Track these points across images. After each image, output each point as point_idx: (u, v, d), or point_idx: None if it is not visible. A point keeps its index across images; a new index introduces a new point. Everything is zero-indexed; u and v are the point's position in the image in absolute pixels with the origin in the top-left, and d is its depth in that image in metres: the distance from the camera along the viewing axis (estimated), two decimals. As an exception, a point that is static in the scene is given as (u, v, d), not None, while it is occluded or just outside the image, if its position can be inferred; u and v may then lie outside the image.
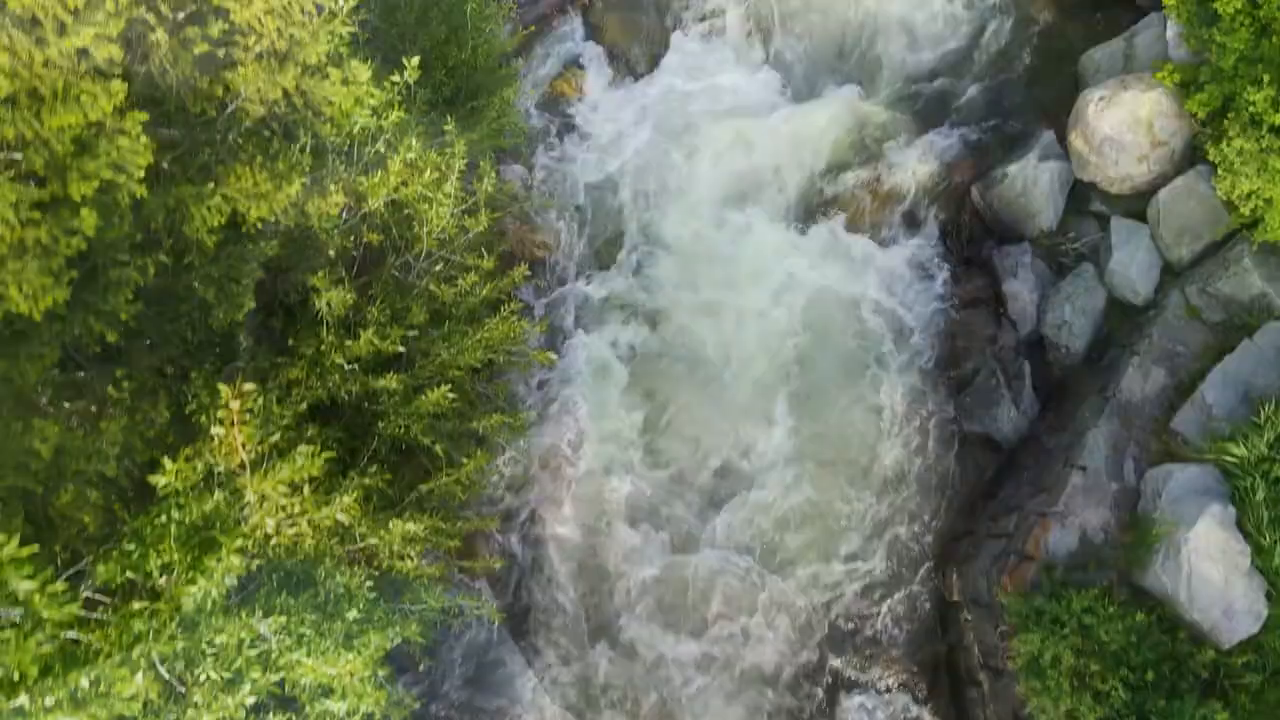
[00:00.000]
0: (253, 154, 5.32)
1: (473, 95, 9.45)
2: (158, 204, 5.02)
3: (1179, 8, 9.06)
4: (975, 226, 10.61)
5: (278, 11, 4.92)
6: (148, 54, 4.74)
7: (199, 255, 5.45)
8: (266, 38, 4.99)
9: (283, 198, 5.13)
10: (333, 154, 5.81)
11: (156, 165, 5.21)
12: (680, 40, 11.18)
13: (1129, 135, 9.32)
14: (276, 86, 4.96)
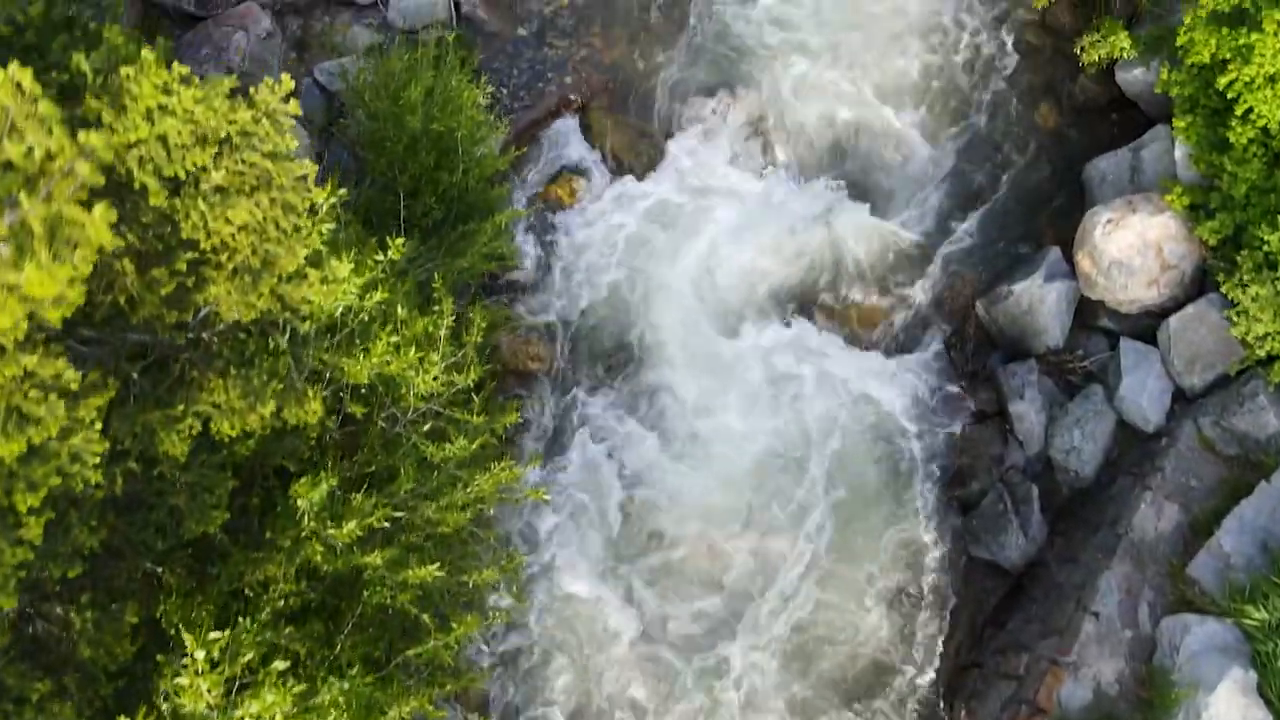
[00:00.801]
0: (226, 362, 5.05)
1: (464, 218, 9.23)
2: (125, 430, 4.74)
3: (1188, 131, 8.85)
4: (980, 340, 10.37)
5: (253, 227, 4.66)
6: (113, 283, 4.48)
7: (169, 463, 5.18)
8: (241, 253, 4.73)
9: (255, 419, 4.86)
10: (312, 345, 5.54)
11: (125, 377, 4.95)
12: (678, 145, 10.95)
13: (1138, 259, 9.08)
14: (251, 308, 4.69)
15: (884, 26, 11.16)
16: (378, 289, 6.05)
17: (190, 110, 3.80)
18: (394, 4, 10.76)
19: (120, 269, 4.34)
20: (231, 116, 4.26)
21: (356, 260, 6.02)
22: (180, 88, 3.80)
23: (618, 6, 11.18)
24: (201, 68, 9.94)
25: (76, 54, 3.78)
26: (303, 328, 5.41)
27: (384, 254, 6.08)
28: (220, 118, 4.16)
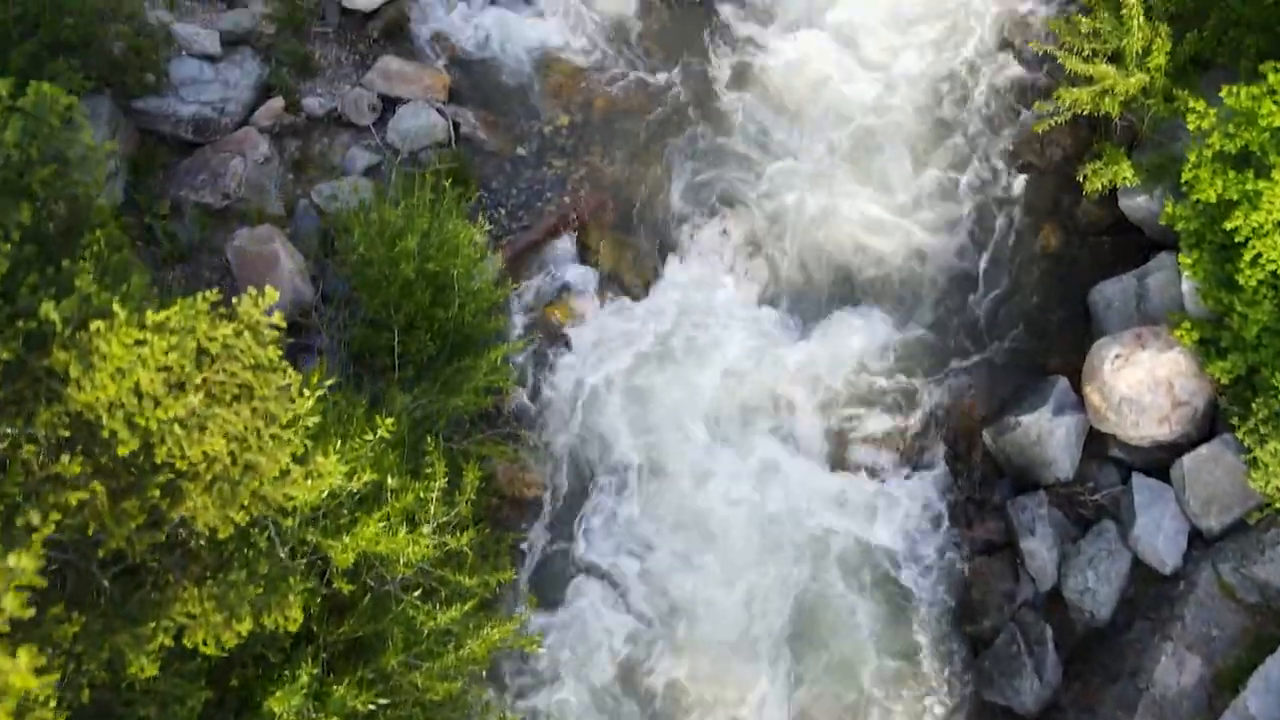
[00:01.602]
0: (203, 566, 4.79)
1: (460, 351, 9.05)
2: (91, 654, 4.46)
3: (1195, 267, 8.71)
4: (987, 468, 10.10)
5: (233, 436, 4.44)
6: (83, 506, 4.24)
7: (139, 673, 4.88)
8: (220, 462, 4.50)
9: (230, 636, 4.58)
10: (294, 537, 5.29)
11: (95, 584, 4.69)
12: (677, 264, 10.83)
13: (1148, 396, 8.88)
14: (228, 521, 4.45)
15: (885, 147, 11.13)
16: (366, 470, 5.81)
17: (163, 360, 3.61)
18: (393, 126, 10.76)
19: (91, 497, 4.11)
20: (212, 334, 4.07)
21: (344, 437, 5.80)
22: (153, 336, 3.62)
23: (617, 126, 11.17)
24: (198, 194, 9.90)
25: (46, 302, 3.62)
26: (285, 523, 5.16)
27: (373, 433, 5.85)
28: (200, 337, 3.96)
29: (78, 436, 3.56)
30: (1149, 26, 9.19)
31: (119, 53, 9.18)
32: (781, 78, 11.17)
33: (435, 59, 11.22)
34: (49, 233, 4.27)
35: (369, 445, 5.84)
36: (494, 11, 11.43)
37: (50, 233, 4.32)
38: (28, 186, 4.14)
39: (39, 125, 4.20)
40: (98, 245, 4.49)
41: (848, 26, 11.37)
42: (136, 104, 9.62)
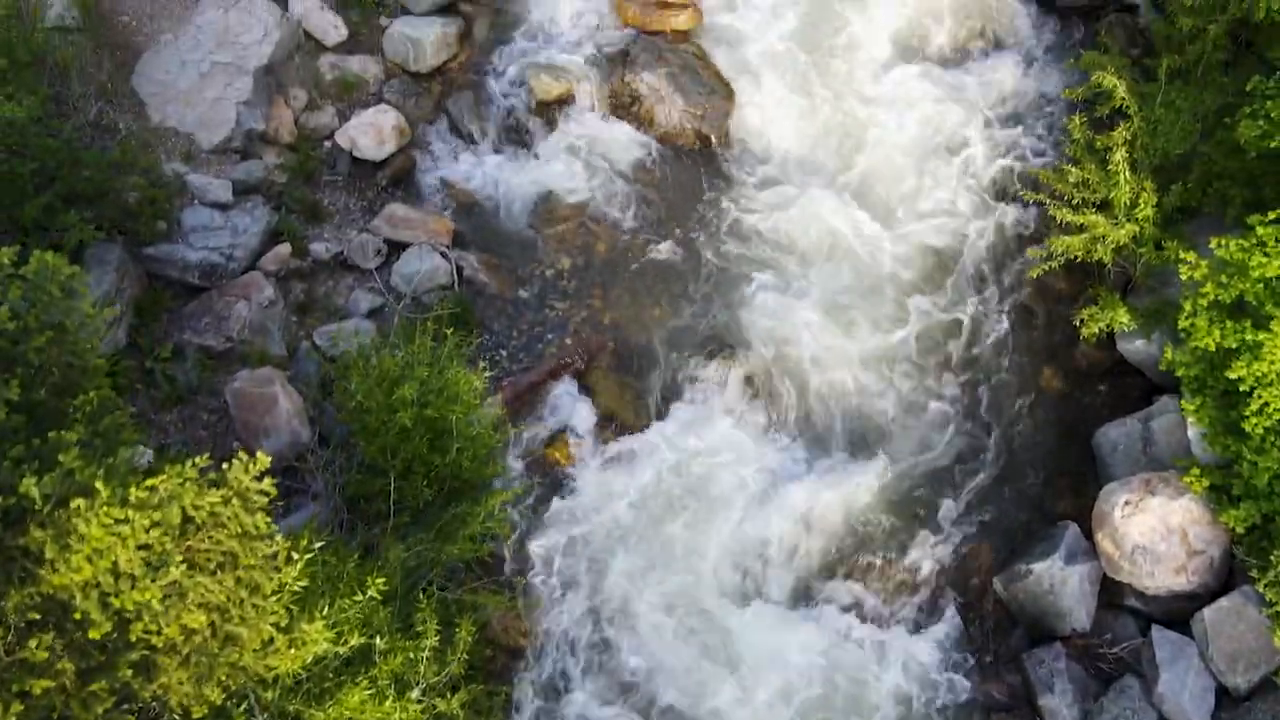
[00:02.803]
0: (175, 746, 4.48)
1: (456, 496, 8.88)
2: None
3: (1199, 413, 8.65)
4: (999, 617, 9.76)
5: (214, 606, 4.23)
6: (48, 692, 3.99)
7: None
8: (199, 635, 4.28)
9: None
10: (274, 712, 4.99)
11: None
12: (677, 405, 10.77)
13: (1162, 545, 8.65)
14: (203, 702, 4.19)
15: (885, 290, 11.27)
16: (355, 633, 5.57)
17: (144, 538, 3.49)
18: (397, 269, 10.92)
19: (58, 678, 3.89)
20: (199, 502, 3.94)
21: (332, 598, 5.58)
22: (135, 514, 3.51)
23: (618, 269, 11.34)
24: (201, 337, 9.94)
25: (27, 478, 3.54)
26: (265, 695, 4.88)
27: (363, 592, 5.64)
28: (186, 505, 3.84)
29: (49, 617, 3.39)
30: (1135, 179, 9.46)
31: (133, 202, 9.41)
32: (781, 224, 11.41)
33: (441, 205, 11.52)
34: (39, 399, 4.23)
35: (359, 605, 5.62)
36: (499, 160, 11.80)
37: (41, 398, 4.27)
38: (23, 354, 4.12)
39: (39, 294, 4.23)
40: (90, 406, 4.43)
41: (847, 176, 11.71)
42: (147, 250, 9.79)
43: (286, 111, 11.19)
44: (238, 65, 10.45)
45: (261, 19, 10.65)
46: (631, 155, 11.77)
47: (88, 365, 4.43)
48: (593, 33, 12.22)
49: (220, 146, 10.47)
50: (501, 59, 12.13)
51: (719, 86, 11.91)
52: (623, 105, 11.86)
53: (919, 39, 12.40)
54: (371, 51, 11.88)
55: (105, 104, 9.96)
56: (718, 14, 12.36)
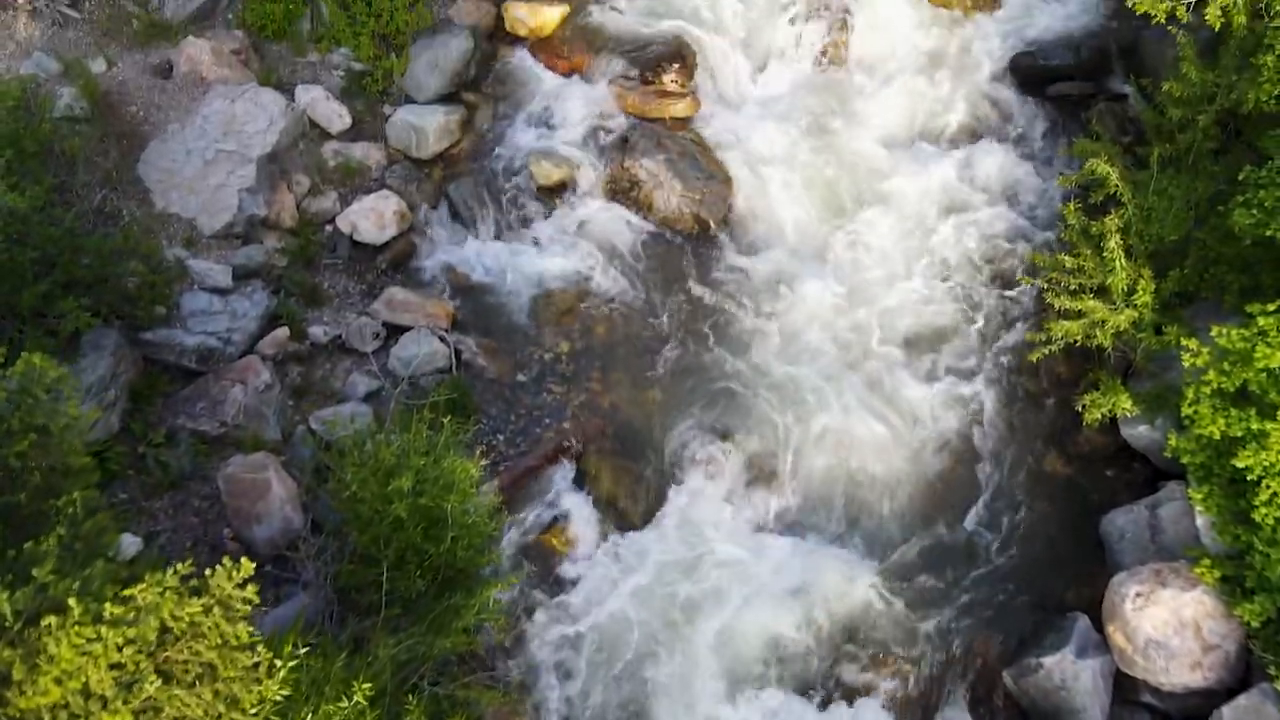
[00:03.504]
0: None
1: (450, 586, 8.65)
2: None
3: (1207, 502, 8.49)
4: (1011, 712, 9.43)
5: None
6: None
7: None
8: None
9: None
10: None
11: None
12: (678, 492, 10.61)
13: (1175, 640, 8.40)
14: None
15: (884, 375, 11.21)
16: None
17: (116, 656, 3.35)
18: (395, 353, 10.89)
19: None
20: (178, 612, 3.79)
21: (318, 703, 5.37)
22: (108, 632, 3.38)
23: (617, 353, 11.32)
24: (195, 421, 9.85)
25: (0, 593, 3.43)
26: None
27: (349, 699, 5.43)
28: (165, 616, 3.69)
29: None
30: (1132, 266, 9.49)
31: (133, 287, 9.43)
32: (779, 308, 11.44)
33: (440, 289, 11.55)
34: (17, 502, 4.13)
35: (344, 713, 5.41)
36: (499, 244, 11.89)
37: (20, 501, 4.16)
38: (3, 459, 4.03)
39: (24, 397, 4.18)
40: (73, 508, 4.32)
41: (845, 260, 11.78)
42: (144, 335, 9.78)
43: (289, 197, 11.32)
44: (242, 153, 10.60)
45: (267, 109, 10.86)
46: (630, 240, 11.86)
47: (71, 467, 4.34)
48: (593, 120, 12.44)
49: (222, 232, 10.55)
50: (502, 145, 12.34)
51: (717, 172, 12.08)
52: (622, 190, 12.00)
53: (915, 125, 12.63)
54: (374, 138, 12.09)
55: (110, 191, 10.08)
56: (716, 102, 12.62)
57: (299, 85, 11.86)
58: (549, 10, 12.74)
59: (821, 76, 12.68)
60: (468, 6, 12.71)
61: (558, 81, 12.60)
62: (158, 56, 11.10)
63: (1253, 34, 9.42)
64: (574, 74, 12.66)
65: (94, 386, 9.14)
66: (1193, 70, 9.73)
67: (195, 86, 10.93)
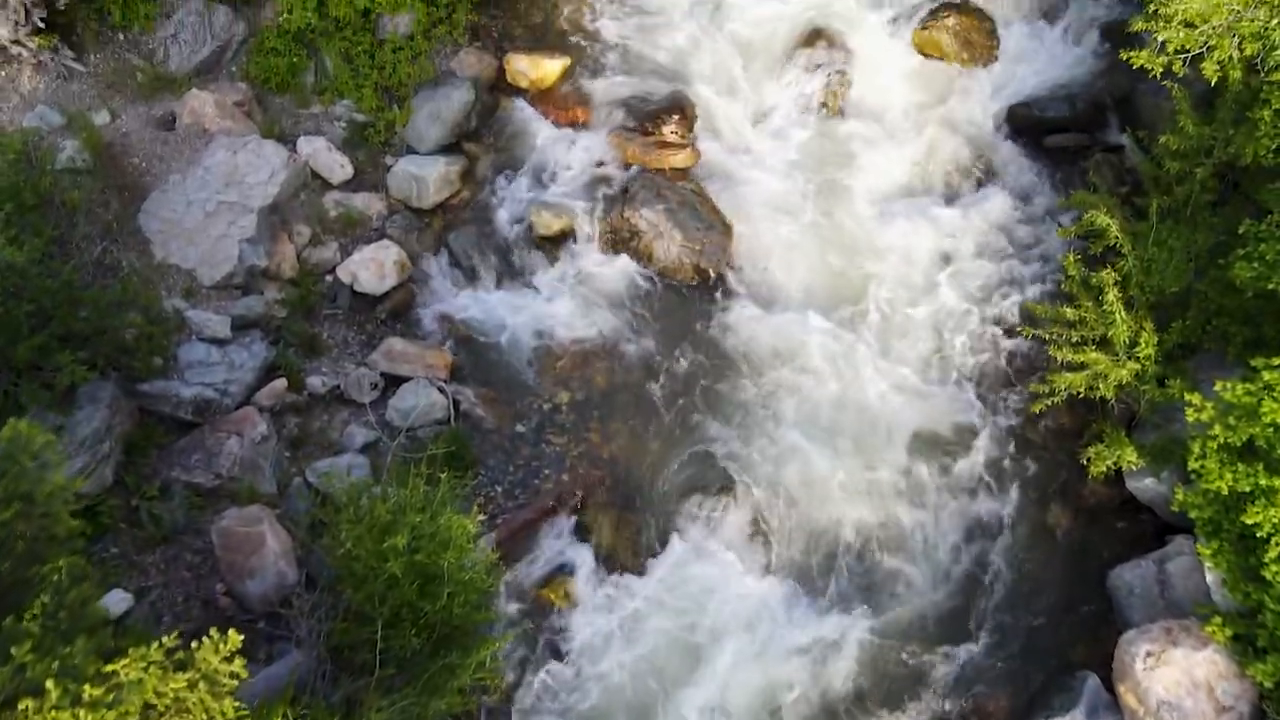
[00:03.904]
0: None
1: (446, 644, 8.48)
2: None
3: (1216, 559, 8.35)
4: (1022, 775, 9.18)
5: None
6: None
7: None
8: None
9: None
10: None
11: None
12: (677, 542, 10.47)
13: (1188, 701, 8.21)
14: None
15: (884, 420, 11.13)
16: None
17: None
18: (393, 404, 10.81)
19: None
20: (162, 688, 3.67)
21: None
22: (88, 715, 3.25)
23: (617, 403, 11.24)
24: (190, 474, 9.75)
25: (-23, 674, 3.33)
26: None
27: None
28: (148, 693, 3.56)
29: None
30: (1133, 318, 9.45)
31: (130, 339, 9.39)
32: (779, 359, 11.39)
33: (440, 339, 11.51)
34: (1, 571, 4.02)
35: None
36: (499, 293, 11.87)
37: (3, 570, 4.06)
38: (-13, 529, 3.96)
39: (9, 464, 4.10)
40: (58, 575, 4.22)
41: (845, 309, 11.75)
42: (141, 386, 9.71)
43: (289, 247, 11.33)
44: (243, 204, 10.63)
45: (269, 160, 10.91)
46: (630, 290, 11.84)
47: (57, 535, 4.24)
48: (593, 170, 12.50)
49: (222, 283, 10.54)
50: (503, 195, 12.38)
51: (717, 222, 12.10)
52: (622, 240, 12.02)
53: (913, 175, 12.67)
54: (375, 188, 12.13)
55: (110, 242, 10.08)
56: (716, 152, 12.68)
57: (301, 136, 11.94)
58: (550, 63, 12.86)
59: (820, 127, 12.77)
60: (470, 59, 12.83)
61: (558, 132, 12.68)
62: (161, 108, 11.19)
63: (1248, 88, 9.48)
64: (574, 125, 12.75)
65: (88, 439, 9.04)
66: (1189, 124, 9.78)
67: (198, 138, 11.00)
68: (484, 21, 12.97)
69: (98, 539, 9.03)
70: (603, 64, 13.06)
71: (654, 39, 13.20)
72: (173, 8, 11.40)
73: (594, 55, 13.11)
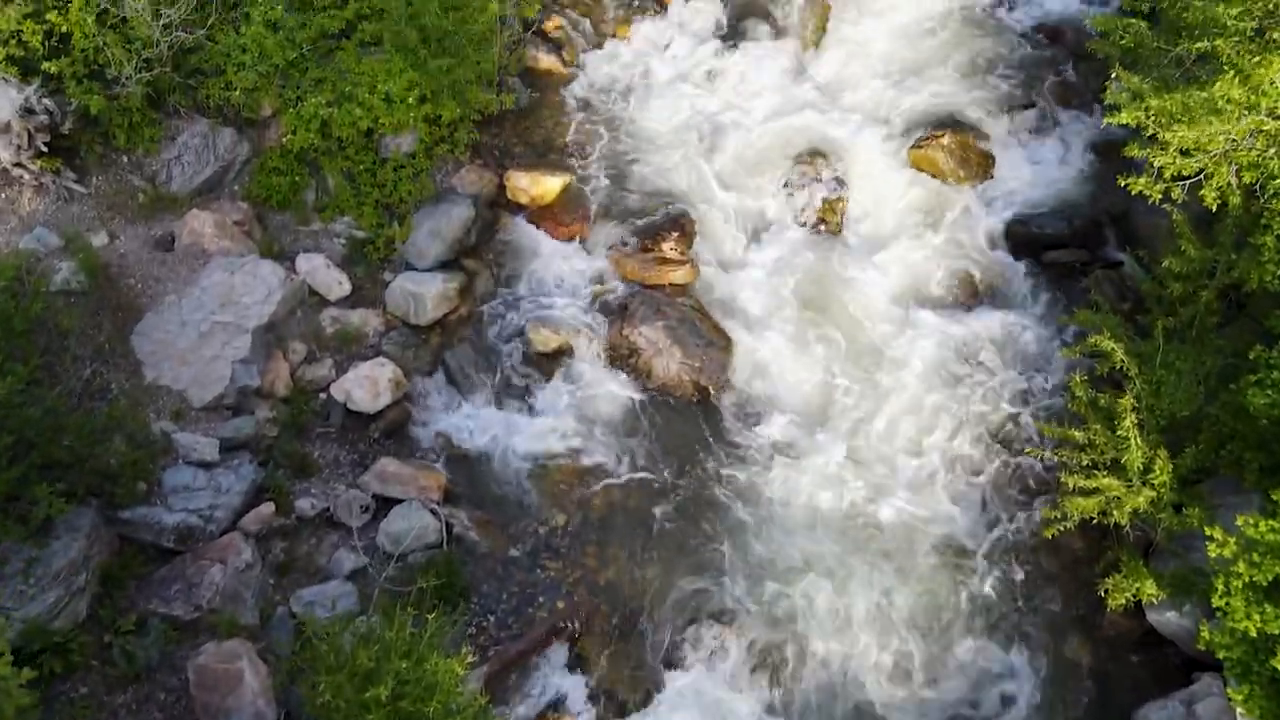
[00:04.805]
0: None
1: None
2: None
3: (1249, 704, 7.86)
4: None
5: None
6: None
7: None
8: None
9: None
10: None
11: None
12: (677, 676, 10.00)
13: None
14: None
15: (890, 547, 10.77)
16: None
17: None
18: (383, 527, 10.47)
19: None
20: None
21: None
22: None
23: (614, 527, 10.89)
24: (169, 605, 9.36)
25: None
26: None
27: None
28: None
29: None
30: (1146, 444, 9.20)
31: (114, 464, 9.13)
32: (780, 480, 11.11)
33: (434, 458, 11.24)
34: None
35: None
36: (495, 412, 11.65)
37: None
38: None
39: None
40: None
41: (846, 428, 11.52)
42: (122, 514, 9.40)
43: (284, 365, 11.18)
44: (238, 324, 10.52)
45: (266, 280, 10.86)
46: (629, 408, 11.64)
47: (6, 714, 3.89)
48: (592, 286, 12.45)
49: (213, 404, 10.34)
50: (501, 311, 12.29)
51: (717, 339, 11.98)
52: (621, 357, 11.88)
53: (912, 290, 12.60)
54: (373, 305, 12.05)
55: (101, 364, 9.93)
56: (716, 268, 12.66)
57: (300, 253, 11.93)
58: (550, 179, 12.97)
59: (818, 243, 12.78)
60: (470, 175, 12.94)
61: (557, 248, 12.69)
62: (161, 228, 11.20)
63: (1249, 213, 9.47)
64: (574, 241, 12.77)
65: (63, 571, 8.71)
66: (1191, 248, 9.74)
67: (196, 258, 10.97)
68: (485, 139, 13.14)
69: (65, 678, 8.58)
70: (602, 180, 13.17)
71: (654, 156, 13.35)
72: (178, 130, 11.53)
73: (594, 172, 13.23)
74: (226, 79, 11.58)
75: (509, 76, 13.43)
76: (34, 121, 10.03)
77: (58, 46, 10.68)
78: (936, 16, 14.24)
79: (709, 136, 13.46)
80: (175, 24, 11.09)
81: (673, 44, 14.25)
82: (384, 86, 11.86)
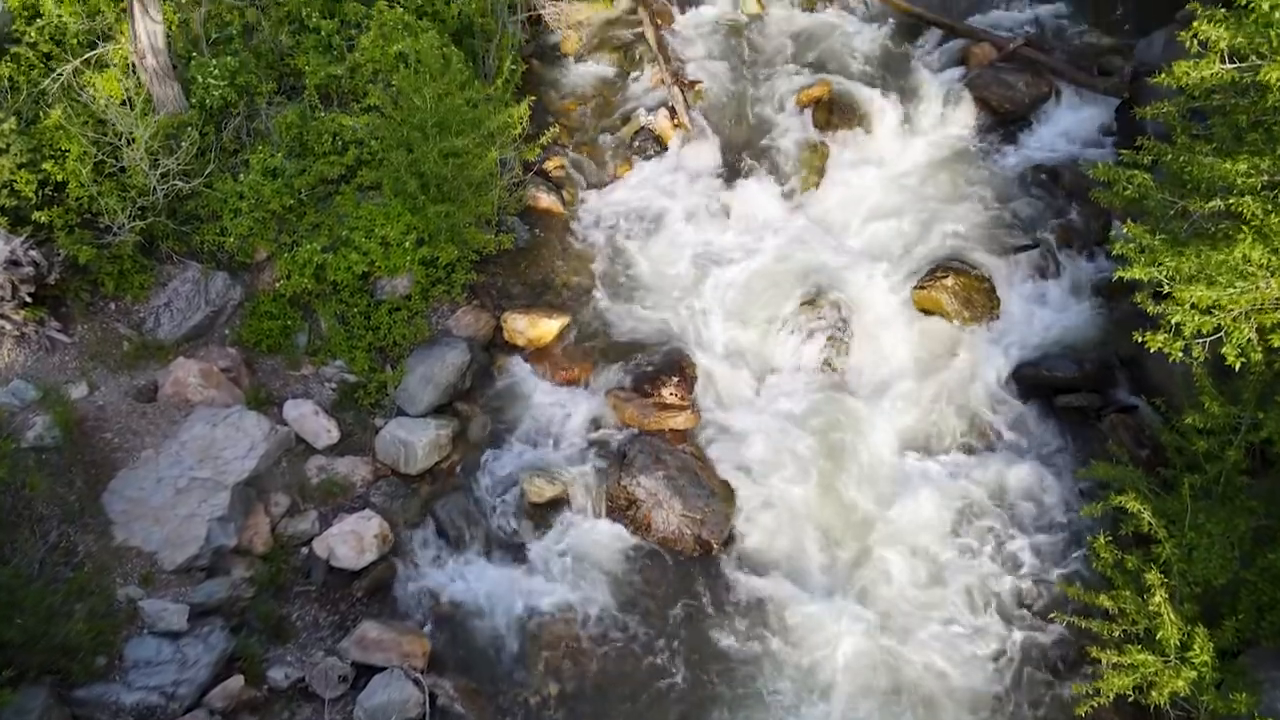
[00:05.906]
0: None
1: None
2: None
3: None
4: None
5: None
6: None
7: None
8: None
9: None
10: None
11: None
12: None
13: None
14: None
15: (906, 714, 9.97)
16: None
17: None
18: (361, 700, 9.73)
19: None
20: None
21: None
22: None
23: (611, 694, 10.17)
24: (122, 796, 8.53)
25: None
26: None
27: None
28: None
29: None
30: (1180, 616, 8.57)
31: (72, 639, 8.49)
32: (793, 644, 10.41)
33: (420, 619, 10.58)
34: None
35: None
36: (486, 567, 11.05)
37: None
38: None
39: None
40: None
41: (855, 584, 10.91)
42: (77, 692, 8.70)
43: (264, 519, 10.64)
44: (217, 480, 10.05)
45: (249, 433, 10.45)
46: (627, 563, 11.04)
47: None
48: (590, 433, 12.02)
49: (185, 565, 9.77)
50: (495, 459, 11.82)
51: (719, 489, 11.47)
52: (619, 509, 11.34)
53: (920, 437, 12.15)
54: (362, 452, 11.61)
55: (69, 526, 9.41)
56: (717, 413, 12.24)
57: (289, 399, 11.56)
58: (548, 321, 12.72)
59: (822, 388, 12.40)
60: (467, 318, 12.70)
61: (555, 393, 12.32)
62: (144, 378, 10.86)
63: (1269, 368, 9.10)
64: (572, 385, 12.42)
65: (6, 766, 7.96)
66: (1214, 405, 9.33)
67: (178, 409, 10.59)
68: (483, 279, 12.96)
69: None
70: (601, 323, 12.91)
71: (653, 297, 13.15)
72: (169, 276, 11.35)
73: (592, 314, 12.99)
74: (222, 225, 11.47)
75: (508, 216, 13.37)
76: (19, 274, 9.83)
77: (51, 196, 10.59)
78: (935, 160, 14.29)
79: (710, 277, 13.28)
80: (174, 173, 11.05)
81: (673, 184, 14.25)
82: (381, 231, 11.74)
